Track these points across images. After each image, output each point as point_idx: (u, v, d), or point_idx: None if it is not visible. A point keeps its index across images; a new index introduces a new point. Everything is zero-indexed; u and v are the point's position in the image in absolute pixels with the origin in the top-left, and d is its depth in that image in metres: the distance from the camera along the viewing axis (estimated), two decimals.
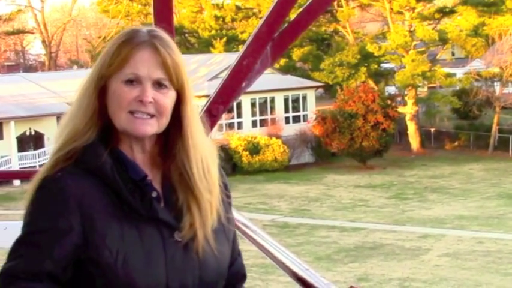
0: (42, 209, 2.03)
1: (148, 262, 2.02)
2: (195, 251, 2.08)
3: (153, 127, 2.07)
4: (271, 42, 3.39)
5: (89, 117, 2.08)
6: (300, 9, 3.52)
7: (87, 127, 2.08)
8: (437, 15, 55.39)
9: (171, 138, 2.12)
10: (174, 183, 2.11)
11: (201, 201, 2.10)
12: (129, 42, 2.08)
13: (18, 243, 2.04)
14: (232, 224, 2.24)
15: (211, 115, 3.29)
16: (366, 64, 53.82)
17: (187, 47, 65.56)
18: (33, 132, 46.80)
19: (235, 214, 2.96)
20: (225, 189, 2.22)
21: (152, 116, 2.06)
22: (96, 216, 2.02)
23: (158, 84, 2.07)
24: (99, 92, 2.09)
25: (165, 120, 2.08)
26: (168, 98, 2.08)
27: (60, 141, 2.10)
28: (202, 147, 2.14)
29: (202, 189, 2.10)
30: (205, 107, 3.33)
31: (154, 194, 2.08)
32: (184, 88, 2.11)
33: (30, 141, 47.09)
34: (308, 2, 3.50)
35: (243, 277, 2.27)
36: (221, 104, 3.38)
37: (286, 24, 3.49)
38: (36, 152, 45.79)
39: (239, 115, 50.06)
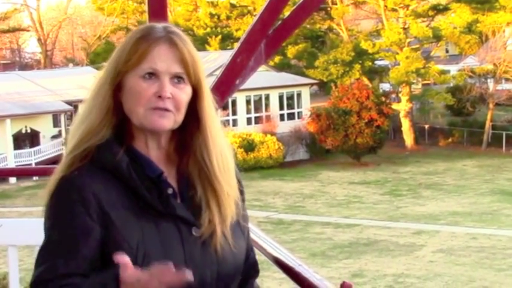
0: (63, 209, 2.03)
1: (168, 258, 1.98)
2: (213, 246, 2.08)
3: (169, 121, 2.06)
4: (265, 39, 3.39)
5: (104, 114, 2.08)
6: (294, 7, 3.53)
7: (101, 124, 2.08)
8: (431, 13, 55.42)
9: (188, 134, 2.13)
10: (191, 180, 2.12)
11: (221, 196, 2.12)
12: (146, 38, 2.08)
13: (45, 248, 2.02)
14: (246, 220, 2.25)
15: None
16: (360, 61, 53.83)
17: None
18: (29, 130, 46.71)
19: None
20: (239, 184, 2.25)
21: (169, 111, 2.06)
22: (115, 213, 2.02)
23: (176, 80, 2.07)
24: (114, 89, 2.09)
25: (181, 116, 2.08)
26: (184, 94, 2.08)
27: (75, 139, 2.09)
28: (221, 142, 2.17)
29: (223, 183, 2.12)
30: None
31: (170, 191, 2.08)
32: (201, 84, 2.12)
33: (26, 139, 47.00)
34: (301, 0, 3.50)
35: (256, 273, 2.29)
36: (215, 101, 3.38)
37: (279, 22, 3.49)
38: (32, 149, 45.71)
39: (234, 112, 50.05)
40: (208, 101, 2.14)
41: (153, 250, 2.01)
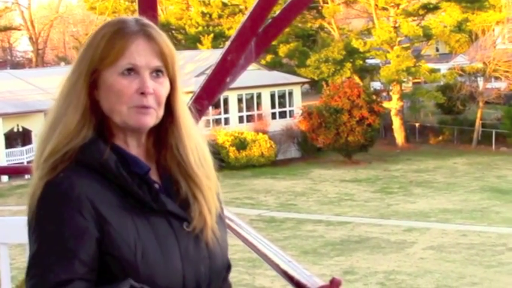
0: (54, 213, 1.94)
1: (165, 255, 1.98)
2: (204, 241, 2.06)
3: (152, 118, 2.02)
4: (255, 37, 3.39)
5: (80, 114, 2.00)
6: (284, 5, 3.52)
7: (80, 125, 2.00)
8: (421, 12, 55.48)
9: (164, 128, 2.08)
10: (173, 174, 2.08)
11: (204, 190, 2.08)
12: (121, 33, 2.01)
13: (39, 256, 1.92)
14: (224, 214, 2.24)
15: (196, 110, 3.28)
16: (351, 60, 53.85)
17: (174, 44, 64.80)
18: (20, 129, 46.57)
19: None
20: None
21: (152, 108, 2.01)
22: (108, 212, 1.96)
23: (155, 74, 2.02)
24: (89, 87, 2.02)
25: (162, 111, 2.04)
26: (164, 88, 2.04)
27: (52, 144, 2.00)
28: (195, 134, 2.12)
29: (201, 176, 2.08)
30: (190, 102, 3.33)
31: (157, 186, 2.04)
32: (176, 77, 2.08)
33: (17, 138, 46.86)
34: None
35: (229, 267, 2.24)
36: (206, 99, 3.39)
37: (270, 20, 3.49)
38: (24, 148, 45.58)
39: (226, 111, 50.01)
40: (182, 95, 2.10)
41: (151, 247, 1.96)
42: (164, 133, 2.08)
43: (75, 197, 1.94)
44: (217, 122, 49.07)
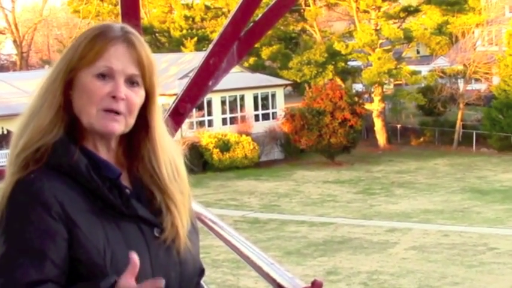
0: (23, 213, 1.90)
1: None
2: (176, 248, 2.04)
3: (120, 125, 1.98)
4: (237, 41, 3.39)
5: (54, 112, 1.98)
6: (266, 9, 3.53)
7: (52, 123, 1.98)
8: (402, 14, 55.68)
9: (137, 139, 2.06)
10: (145, 184, 2.06)
11: (177, 202, 2.06)
12: (103, 36, 2.00)
13: (7, 257, 1.87)
14: (195, 220, 2.21)
15: (179, 113, 3.28)
16: (333, 62, 53.94)
17: (157, 46, 65.28)
18: (5, 132, 46.34)
19: (203, 210, 2.96)
20: None
21: (121, 114, 1.98)
22: (78, 216, 1.93)
23: (130, 82, 1.99)
24: (65, 86, 2.00)
25: (132, 120, 2.01)
26: (138, 97, 2.00)
27: (25, 139, 1.98)
28: (169, 148, 2.09)
29: (173, 191, 2.05)
30: (173, 106, 3.32)
31: (128, 191, 2.01)
32: (153, 88, 2.04)
33: (2, 141, 46.60)
34: (273, 2, 3.50)
35: (202, 272, 2.21)
36: (188, 102, 3.38)
37: (252, 24, 3.49)
38: (8, 151, 45.39)
39: (209, 113, 49.94)
40: (158, 107, 2.07)
41: (120, 252, 1.93)
42: (137, 144, 2.05)
43: (45, 198, 1.91)
44: (200, 124, 48.98)
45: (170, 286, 2.00)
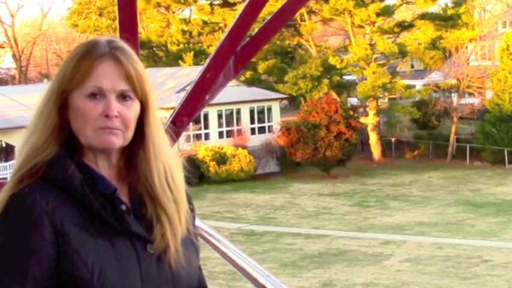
0: (13, 227, 1.90)
1: (124, 276, 1.93)
2: (167, 262, 2.00)
3: (119, 139, 1.97)
4: (234, 55, 3.39)
5: (48, 133, 1.98)
6: (262, 24, 3.54)
7: (46, 143, 1.98)
8: (396, 29, 55.87)
9: (134, 149, 2.03)
10: (141, 195, 2.03)
11: (169, 212, 2.02)
12: (89, 55, 1.97)
13: None
14: (197, 237, 2.17)
15: (176, 127, 3.28)
16: (328, 76, 54.06)
17: (155, 60, 65.38)
18: (4, 144, 46.30)
19: (199, 223, 2.96)
20: (189, 202, 2.14)
21: (118, 129, 1.97)
22: (68, 230, 1.91)
23: (122, 97, 1.97)
24: (60, 107, 1.99)
25: (130, 133, 1.99)
26: (132, 111, 1.98)
27: (21, 158, 1.99)
28: (166, 156, 2.05)
29: (166, 200, 2.02)
30: (170, 119, 3.32)
31: (123, 207, 1.98)
32: (147, 98, 2.02)
33: (1, 153, 46.60)
34: (269, 17, 3.51)
35: None
36: (185, 115, 3.38)
37: (248, 39, 3.50)
38: (7, 163, 45.29)
39: (206, 126, 49.97)
40: (154, 116, 2.05)
41: (109, 268, 1.92)
42: (135, 154, 2.04)
43: (36, 214, 1.90)
44: (197, 137, 49.00)
45: None
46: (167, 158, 2.06)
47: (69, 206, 1.94)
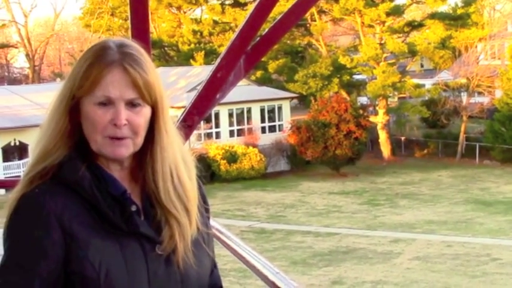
0: (23, 228, 1.93)
1: (131, 277, 1.94)
2: (176, 263, 1.99)
3: (128, 149, 1.98)
4: (244, 55, 3.39)
5: (58, 137, 1.99)
6: (272, 24, 3.53)
7: (56, 147, 1.98)
8: (406, 29, 55.71)
9: (144, 151, 2.03)
10: (151, 196, 2.03)
11: (176, 214, 2.01)
12: (98, 63, 1.96)
13: (3, 267, 1.93)
14: (211, 238, 2.17)
15: (187, 126, 3.28)
16: (338, 75, 53.98)
17: (166, 60, 65.46)
18: (17, 143, 46.43)
19: (210, 220, 2.96)
20: (204, 202, 2.14)
21: (126, 138, 1.97)
22: (77, 230, 1.92)
23: (131, 104, 1.97)
24: (71, 111, 1.99)
25: (141, 139, 1.99)
26: (142, 117, 1.98)
27: (32, 161, 2.00)
28: (174, 160, 2.04)
29: (170, 204, 2.01)
30: (181, 118, 3.33)
31: (133, 208, 1.99)
32: (157, 103, 2.00)
33: (14, 152, 46.73)
34: (279, 17, 3.51)
35: None
36: (196, 114, 3.38)
37: (258, 38, 3.50)
38: (21, 161, 45.42)
39: (217, 125, 49.99)
40: (165, 120, 2.03)
41: (116, 269, 1.92)
42: (144, 156, 2.03)
43: (44, 214, 1.92)
44: (208, 136, 49.03)
45: None
46: (176, 161, 2.05)
47: (78, 207, 1.95)
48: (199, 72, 49.19)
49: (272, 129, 51.65)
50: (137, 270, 1.95)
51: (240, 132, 50.61)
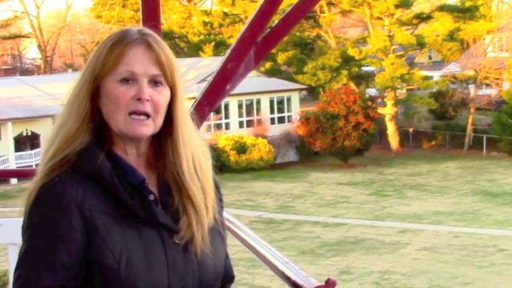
0: (44, 216, 1.92)
1: (151, 266, 1.94)
2: (193, 252, 2.00)
3: (149, 128, 1.97)
4: (255, 46, 3.39)
5: (80, 121, 1.98)
6: (282, 16, 3.53)
7: (78, 132, 1.98)
8: (415, 21, 55.55)
9: (163, 137, 2.03)
10: (169, 184, 2.03)
11: (196, 201, 2.01)
12: (121, 41, 1.99)
13: (25, 257, 1.92)
14: (224, 227, 2.17)
15: (198, 116, 3.28)
16: (347, 67, 53.89)
17: (176, 51, 65.38)
18: (29, 133, 46.57)
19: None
20: (217, 191, 2.14)
21: (148, 116, 1.97)
22: (97, 219, 1.92)
23: (154, 82, 1.98)
24: (92, 95, 1.99)
25: (160, 120, 1.99)
26: (163, 96, 1.99)
27: (53, 148, 1.99)
28: (194, 144, 2.05)
29: (194, 189, 2.01)
30: (192, 109, 3.32)
31: (151, 197, 1.99)
32: (176, 86, 2.03)
33: (26, 142, 46.86)
34: (289, 9, 3.50)
35: (231, 278, 2.19)
36: (207, 105, 3.39)
37: (268, 30, 3.49)
38: (33, 151, 45.58)
39: (227, 116, 50.02)
40: (182, 104, 2.05)
41: (136, 258, 1.92)
42: (163, 142, 2.03)
43: (65, 203, 1.91)
44: (218, 127, 49.06)
45: None
46: (195, 147, 2.06)
47: (98, 196, 1.95)
48: (209, 64, 49.20)
49: (281, 120, 51.64)
50: (156, 259, 1.95)
51: (250, 123, 50.63)
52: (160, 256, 1.96)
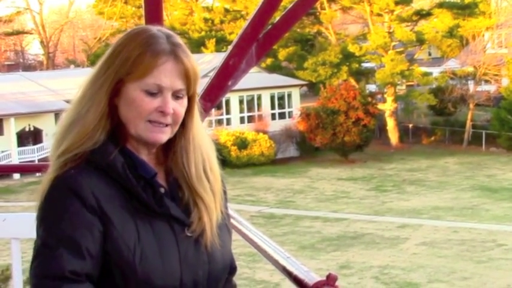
0: (61, 207, 1.92)
1: (164, 258, 1.96)
2: (204, 245, 2.03)
3: (167, 135, 2.00)
4: (256, 42, 3.39)
5: (98, 119, 1.98)
6: (283, 12, 3.52)
7: (95, 129, 1.98)
8: (414, 18, 55.51)
9: (175, 138, 2.06)
10: (178, 179, 2.06)
11: (205, 198, 2.05)
12: (151, 51, 1.96)
13: (46, 247, 1.90)
14: (229, 219, 2.21)
15: (200, 112, 3.28)
16: (347, 63, 53.85)
17: None
18: (32, 128, 46.59)
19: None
20: (222, 185, 2.17)
21: (168, 125, 2.00)
22: (112, 212, 1.94)
23: (176, 95, 1.99)
24: (111, 95, 1.99)
25: (177, 128, 2.02)
26: (183, 107, 2.01)
27: (67, 143, 1.98)
28: (204, 146, 2.09)
29: (201, 190, 2.05)
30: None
31: (162, 190, 2.01)
32: (195, 94, 2.05)
33: (29, 137, 46.89)
34: (291, 5, 3.50)
35: (234, 270, 2.21)
36: (208, 101, 3.38)
37: (270, 26, 3.49)
38: (35, 146, 45.60)
39: (228, 112, 50.02)
40: (196, 109, 2.08)
41: (150, 250, 1.94)
42: (173, 140, 2.05)
43: (82, 192, 1.92)
44: (219, 122, 49.06)
45: (197, 284, 2.01)
46: (206, 149, 2.10)
47: (112, 189, 1.96)
48: (211, 60, 49.13)
49: (282, 116, 51.64)
50: (169, 252, 1.97)
51: (251, 119, 50.64)
52: (172, 249, 1.98)
